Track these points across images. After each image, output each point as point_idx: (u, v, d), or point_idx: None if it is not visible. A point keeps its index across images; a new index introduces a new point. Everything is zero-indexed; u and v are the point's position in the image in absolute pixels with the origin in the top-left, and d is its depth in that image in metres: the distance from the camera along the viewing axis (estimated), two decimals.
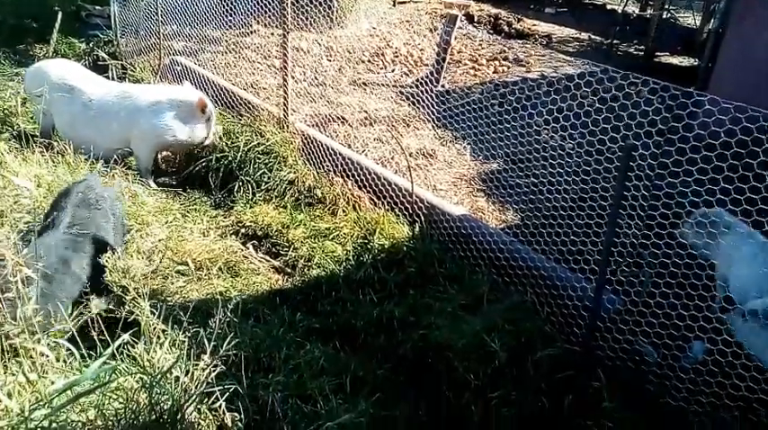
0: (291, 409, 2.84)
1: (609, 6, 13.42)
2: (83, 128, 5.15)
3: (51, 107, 5.10)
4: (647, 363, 3.36)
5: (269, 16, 7.19)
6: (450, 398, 3.30)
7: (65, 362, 2.42)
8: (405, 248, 4.35)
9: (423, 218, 4.52)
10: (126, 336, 2.40)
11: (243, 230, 4.73)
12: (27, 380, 2.13)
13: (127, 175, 5.03)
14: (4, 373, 2.22)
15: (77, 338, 2.44)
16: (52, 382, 2.11)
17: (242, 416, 2.63)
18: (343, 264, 4.34)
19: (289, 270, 4.38)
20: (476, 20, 11.25)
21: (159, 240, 4.13)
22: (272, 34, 8.51)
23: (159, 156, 5.68)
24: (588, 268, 3.54)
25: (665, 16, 10.90)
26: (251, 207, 4.97)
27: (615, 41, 10.55)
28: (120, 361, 2.42)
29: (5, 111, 5.81)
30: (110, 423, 2.13)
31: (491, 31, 10.90)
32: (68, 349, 2.40)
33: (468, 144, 6.19)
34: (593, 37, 11.02)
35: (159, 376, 2.26)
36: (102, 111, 5.15)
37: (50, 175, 4.18)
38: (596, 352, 3.32)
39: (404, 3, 11.98)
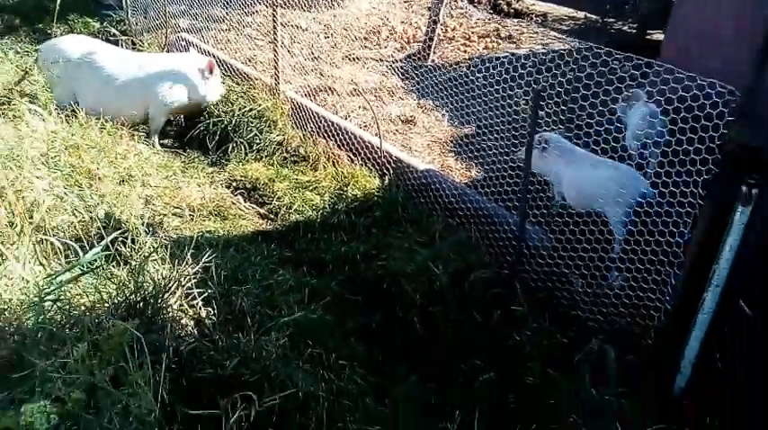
0: (258, 313, 3.44)
1: None
2: (106, 100, 5.61)
3: (73, 83, 5.60)
4: (573, 289, 3.91)
5: None
6: (400, 313, 3.89)
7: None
8: (374, 197, 4.93)
9: (391, 171, 5.10)
10: (115, 234, 3.03)
11: (234, 184, 5.35)
12: (41, 264, 2.76)
13: (133, 136, 5.64)
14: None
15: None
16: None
17: (216, 312, 3.24)
18: (320, 211, 4.93)
19: (272, 216, 4.99)
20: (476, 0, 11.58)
21: (158, 187, 4.74)
22: (275, 14, 9.07)
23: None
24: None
25: None
26: (243, 164, 5.58)
27: (609, 19, 10.82)
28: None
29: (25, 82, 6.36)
30: (105, 301, 2.74)
31: (491, 11, 11.27)
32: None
33: (447, 112, 6.72)
34: (588, 15, 11.27)
35: (141, 264, 2.89)
36: (123, 84, 5.68)
37: (64, 132, 4.82)
38: (522, 275, 3.87)
39: None
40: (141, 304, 2.79)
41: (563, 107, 4.76)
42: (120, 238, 3.34)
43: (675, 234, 3.14)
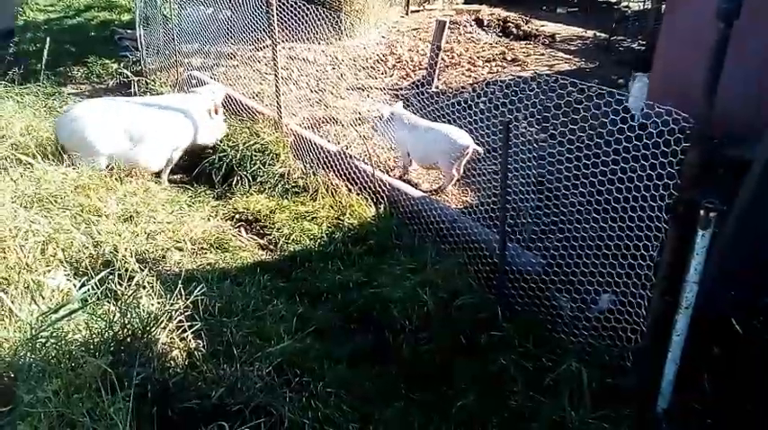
0: (249, 343, 3.58)
1: (623, 4, 13.62)
2: (134, 154, 5.78)
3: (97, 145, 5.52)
4: (561, 313, 3.96)
5: (280, 32, 8.04)
6: (389, 339, 3.98)
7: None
8: (370, 226, 5.06)
9: (386, 199, 5.23)
10: (105, 272, 3.22)
11: (237, 216, 5.54)
12: (34, 301, 2.95)
13: (143, 174, 5.90)
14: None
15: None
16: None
17: (205, 344, 3.39)
18: (318, 240, 5.08)
19: (272, 247, 5.16)
20: (485, 23, 11.65)
21: (162, 222, 4.95)
22: (283, 48, 9.37)
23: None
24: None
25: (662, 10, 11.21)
26: (246, 197, 5.78)
27: (618, 37, 10.85)
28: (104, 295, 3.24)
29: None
30: (95, 337, 2.91)
31: (500, 34, 11.39)
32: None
33: None
34: (597, 34, 11.30)
35: (128, 302, 3.06)
36: (141, 134, 5.79)
37: (74, 173, 5.09)
38: (509, 299, 3.94)
39: (417, 11, 12.69)
40: (129, 338, 2.95)
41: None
42: (118, 273, 3.54)
43: (647, 257, 3.18)
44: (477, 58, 10.02)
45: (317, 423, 3.16)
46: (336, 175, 5.76)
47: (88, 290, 3.06)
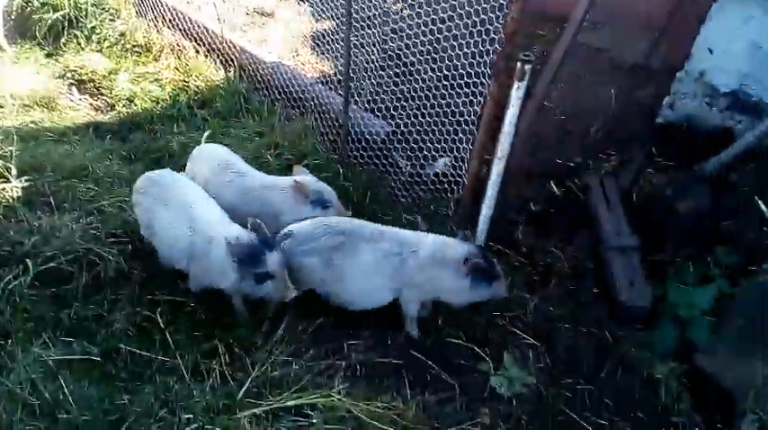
0: (75, 198, 3.40)
1: None
2: None
3: None
4: (400, 171, 4.13)
5: None
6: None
7: None
8: (218, 89, 4.84)
9: (236, 63, 4.99)
10: None
11: (69, 75, 5.05)
12: None
13: None
14: None
15: None
16: None
17: (22, 196, 3.17)
18: (161, 103, 4.81)
19: (108, 109, 4.80)
20: None
21: None
22: None
23: None
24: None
25: None
26: (80, 55, 5.25)
27: None
28: None
29: None
30: None
31: None
32: None
33: (310, 5, 6.54)
34: None
35: None
36: None
37: None
38: (352, 161, 4.03)
39: None
40: None
41: None
42: None
43: (472, 113, 3.35)
44: None
45: (146, 272, 3.14)
46: (183, 36, 5.37)
47: None
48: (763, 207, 3.29)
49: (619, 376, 3.03)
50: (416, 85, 4.03)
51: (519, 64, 2.82)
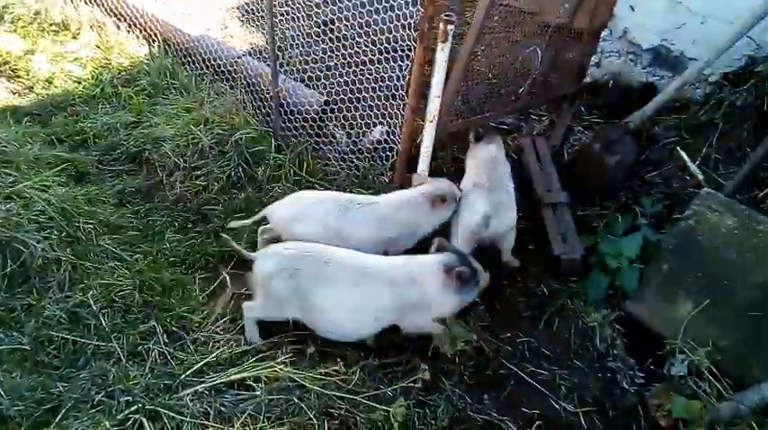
0: None
1: None
2: None
3: None
4: (336, 142, 4.09)
5: None
6: (164, 178, 3.84)
7: None
8: (142, 65, 4.66)
9: (160, 37, 4.81)
10: None
11: None
12: None
13: None
14: None
15: None
16: None
17: None
18: (82, 83, 4.59)
19: (26, 91, 4.55)
20: None
21: None
22: None
23: None
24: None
25: None
26: None
27: None
28: None
29: None
30: None
31: None
32: None
33: None
34: None
35: None
36: None
37: None
38: (286, 133, 3.97)
39: None
40: None
41: None
42: None
43: (401, 77, 3.34)
44: None
45: (75, 257, 3.04)
46: (102, 11, 5.12)
47: None
48: (684, 156, 3.42)
49: (556, 327, 3.14)
50: (348, 54, 3.97)
51: (441, 24, 2.82)
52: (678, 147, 3.59)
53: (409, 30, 3.14)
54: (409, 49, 3.22)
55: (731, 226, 2.79)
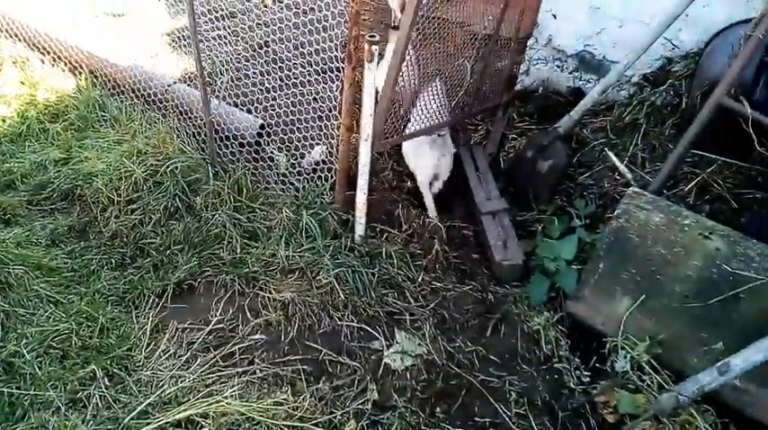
0: None
1: None
2: None
3: None
4: (275, 165, 4.06)
5: None
6: (98, 214, 3.73)
7: None
8: (69, 99, 4.53)
9: (86, 69, 4.69)
10: None
11: None
12: None
13: None
14: None
15: None
16: None
17: None
18: (7, 121, 4.42)
19: None
20: None
21: None
22: None
23: None
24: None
25: None
26: None
27: None
28: None
29: None
30: None
31: None
32: None
33: (167, 3, 6.23)
34: None
35: None
36: None
37: None
38: (222, 159, 3.92)
39: None
40: None
41: None
42: None
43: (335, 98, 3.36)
44: None
45: (9, 305, 2.92)
46: (25, 46, 4.96)
47: None
48: (612, 157, 3.54)
49: (503, 333, 3.19)
50: (284, 76, 3.96)
51: (366, 45, 2.85)
52: (606, 149, 3.72)
53: (341, 50, 3.16)
54: (341, 70, 3.24)
55: (659, 222, 2.89)
